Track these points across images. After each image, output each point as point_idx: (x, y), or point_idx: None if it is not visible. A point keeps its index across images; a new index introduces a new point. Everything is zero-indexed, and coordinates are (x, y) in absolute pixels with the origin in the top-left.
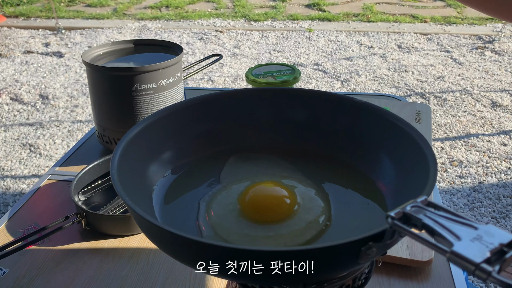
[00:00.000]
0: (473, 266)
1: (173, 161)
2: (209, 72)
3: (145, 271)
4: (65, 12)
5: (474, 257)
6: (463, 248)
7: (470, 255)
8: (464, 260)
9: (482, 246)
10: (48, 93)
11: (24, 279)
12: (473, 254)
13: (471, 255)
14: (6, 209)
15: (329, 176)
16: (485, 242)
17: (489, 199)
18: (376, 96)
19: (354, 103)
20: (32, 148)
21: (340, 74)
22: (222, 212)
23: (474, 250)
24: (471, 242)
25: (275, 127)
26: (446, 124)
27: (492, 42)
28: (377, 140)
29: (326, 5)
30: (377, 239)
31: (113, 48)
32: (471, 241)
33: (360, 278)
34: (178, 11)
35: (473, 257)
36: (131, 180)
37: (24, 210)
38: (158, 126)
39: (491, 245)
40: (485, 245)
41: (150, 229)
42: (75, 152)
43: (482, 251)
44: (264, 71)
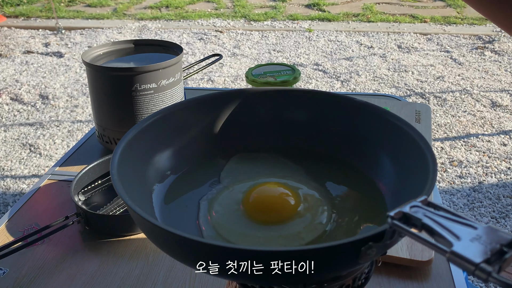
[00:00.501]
0: (473, 266)
1: (173, 161)
2: (209, 72)
3: (145, 271)
4: (65, 12)
5: (474, 257)
6: (463, 248)
7: (470, 255)
8: (464, 260)
9: (482, 246)
10: (48, 93)
11: (24, 279)
12: (473, 254)
13: (471, 255)
14: (6, 209)
15: (329, 175)
16: (484, 242)
17: (489, 199)
18: (376, 96)
19: (354, 103)
20: (32, 148)
21: (340, 74)
22: (224, 212)
23: (474, 250)
24: (471, 242)
25: (275, 127)
26: (446, 124)
27: (492, 42)
28: (377, 140)
29: (326, 5)
30: (377, 239)
31: (113, 48)
32: (470, 241)
33: (360, 278)
34: (178, 11)
35: (473, 257)
36: (131, 180)
37: (24, 210)
38: (158, 126)
39: (491, 245)
40: (485, 245)
41: (149, 229)
42: (75, 152)
43: (482, 251)
44: (264, 71)
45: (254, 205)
